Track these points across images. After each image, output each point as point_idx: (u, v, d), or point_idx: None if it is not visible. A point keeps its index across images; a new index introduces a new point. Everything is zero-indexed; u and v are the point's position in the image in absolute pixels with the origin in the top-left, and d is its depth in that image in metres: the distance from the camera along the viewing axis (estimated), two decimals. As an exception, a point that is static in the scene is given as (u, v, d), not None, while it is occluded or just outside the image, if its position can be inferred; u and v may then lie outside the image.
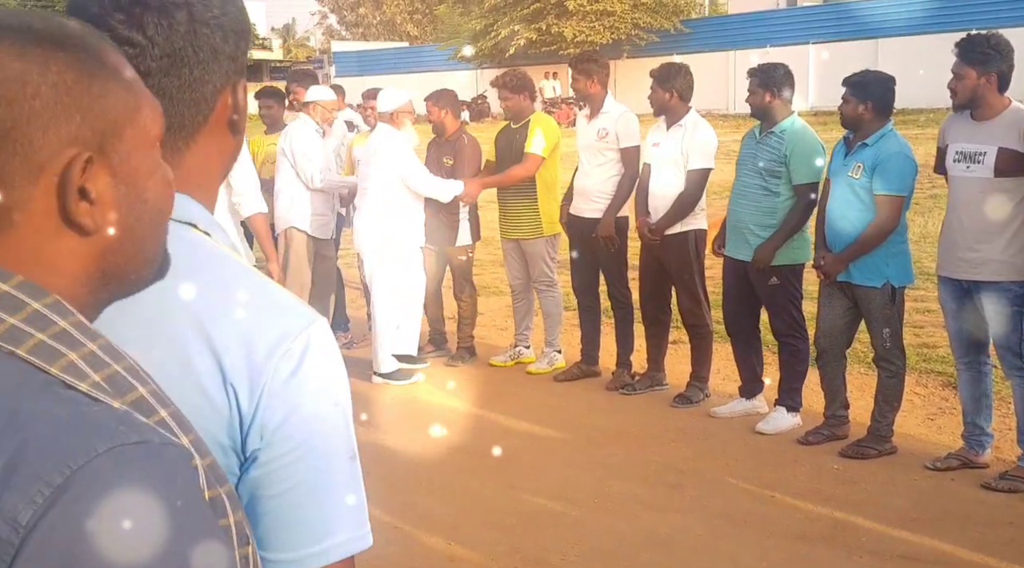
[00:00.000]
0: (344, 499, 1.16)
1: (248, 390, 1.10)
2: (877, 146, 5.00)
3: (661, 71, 6.08)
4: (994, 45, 4.59)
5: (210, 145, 1.22)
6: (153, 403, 0.86)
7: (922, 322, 7.40)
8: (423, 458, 5.39)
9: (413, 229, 6.67)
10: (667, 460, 5.27)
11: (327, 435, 1.14)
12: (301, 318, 1.14)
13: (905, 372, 5.29)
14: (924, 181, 14.17)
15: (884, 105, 5.07)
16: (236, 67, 1.22)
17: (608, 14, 35.29)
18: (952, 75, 4.67)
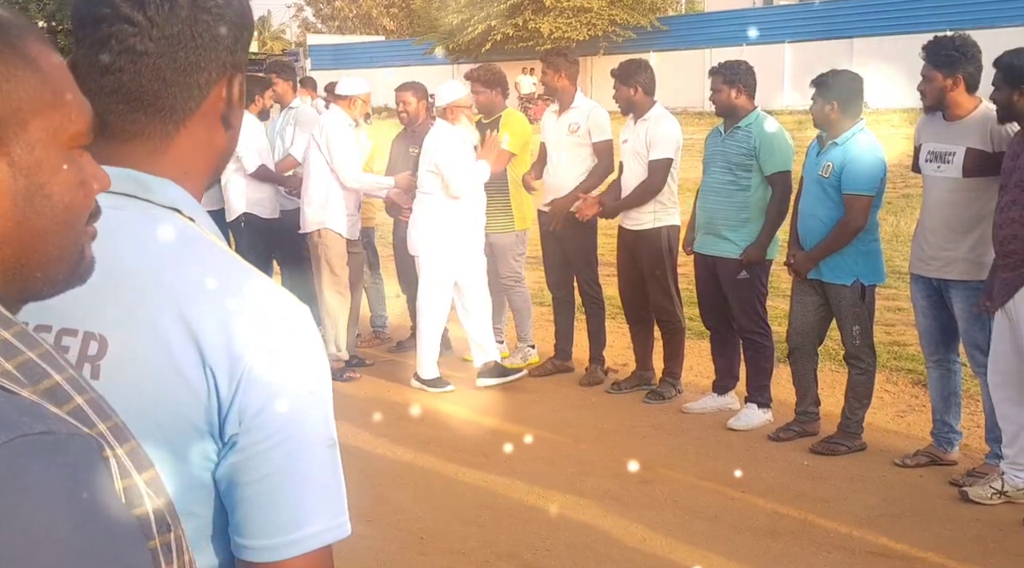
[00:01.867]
0: (321, 488, 1.16)
1: (227, 375, 1.10)
2: (846, 145, 5.05)
3: (622, 68, 6.13)
4: (959, 47, 4.64)
5: (199, 134, 1.22)
6: (68, 390, 0.85)
7: (893, 320, 7.47)
8: (397, 452, 5.39)
9: (472, 231, 6.36)
10: (640, 456, 5.29)
11: (305, 422, 1.14)
12: (278, 304, 1.15)
13: (875, 370, 5.34)
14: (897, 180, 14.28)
15: (851, 104, 5.11)
16: (234, 60, 1.23)
17: (585, 10, 35.35)
18: (922, 76, 4.71)
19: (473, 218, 6.34)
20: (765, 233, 5.52)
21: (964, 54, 4.62)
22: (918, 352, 5.88)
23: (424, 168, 6.25)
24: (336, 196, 6.56)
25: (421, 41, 42.83)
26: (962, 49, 4.63)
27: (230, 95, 1.23)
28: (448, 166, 6.13)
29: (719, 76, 5.61)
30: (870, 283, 5.17)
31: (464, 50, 38.15)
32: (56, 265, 0.92)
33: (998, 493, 4.51)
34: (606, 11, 35.44)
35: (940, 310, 4.85)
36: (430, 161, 6.19)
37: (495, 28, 36.52)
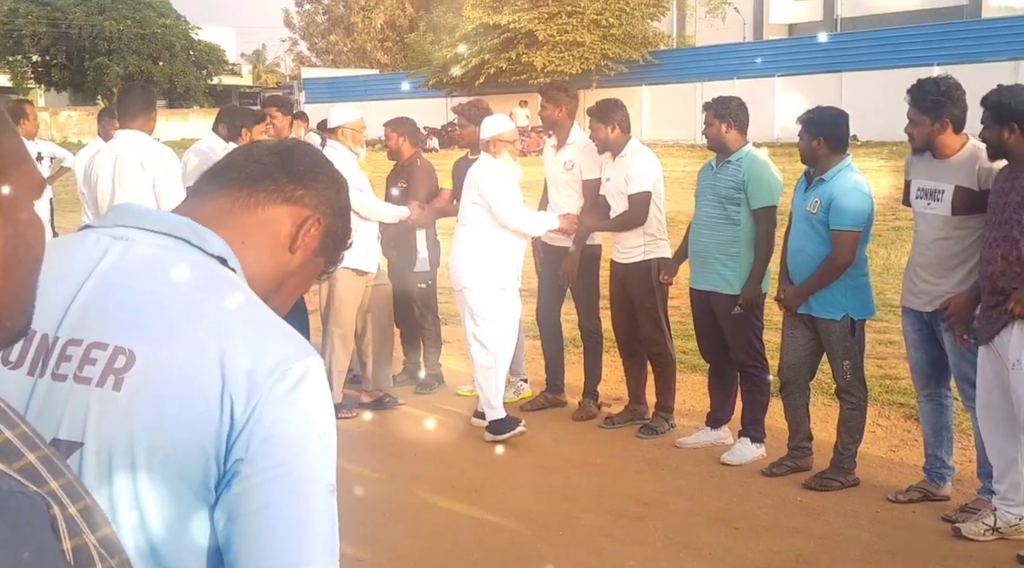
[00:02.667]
0: (320, 530, 1.20)
1: (244, 401, 1.16)
2: (833, 181, 5.09)
3: (599, 108, 6.13)
4: (944, 91, 4.68)
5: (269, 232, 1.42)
6: (19, 447, 0.85)
7: (885, 354, 7.48)
8: (389, 488, 5.36)
9: (511, 265, 6.12)
10: (633, 492, 5.28)
11: (308, 461, 1.19)
12: (302, 348, 1.23)
13: (867, 404, 5.35)
14: (887, 213, 14.35)
15: (837, 140, 5.15)
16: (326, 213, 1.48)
17: (578, 44, 35.61)
18: (909, 119, 4.76)
19: (515, 259, 6.13)
20: (756, 270, 5.54)
21: (949, 97, 4.66)
22: (910, 386, 5.88)
23: (467, 200, 6.09)
24: None
25: (415, 75, 43.10)
26: (947, 93, 4.67)
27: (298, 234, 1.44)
28: (493, 193, 5.96)
29: (711, 111, 5.66)
30: (860, 318, 5.19)
31: (458, 84, 38.36)
32: (22, 316, 0.93)
33: (991, 529, 4.50)
34: (598, 45, 35.72)
35: (931, 344, 4.87)
36: (473, 193, 6.03)
37: (488, 62, 36.77)
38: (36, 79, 51.01)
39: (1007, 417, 4.38)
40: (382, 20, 61.81)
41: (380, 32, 62.33)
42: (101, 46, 49.42)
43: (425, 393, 7.07)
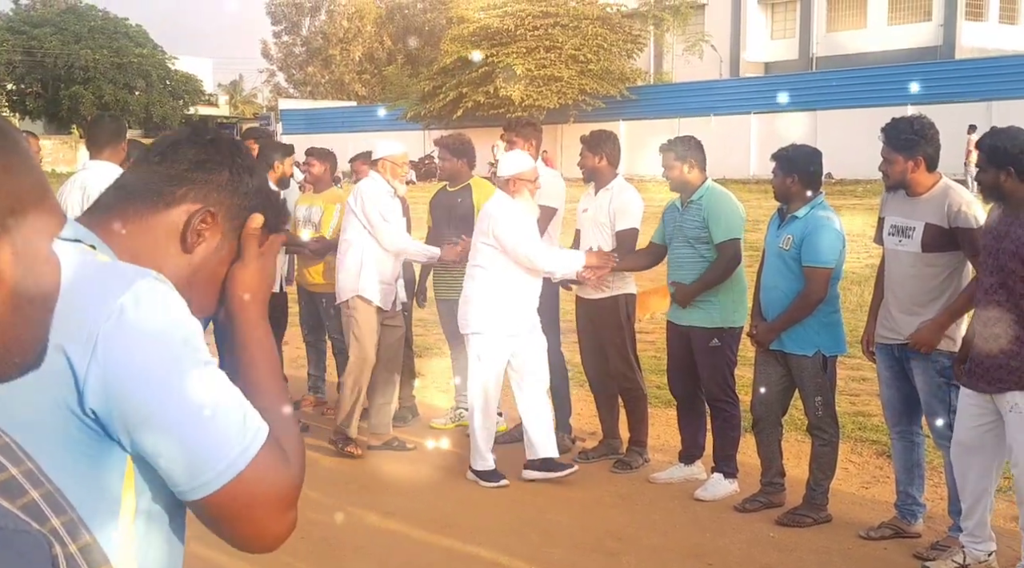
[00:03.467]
0: (207, 432, 1.21)
1: (81, 351, 1.17)
2: (805, 219, 5.13)
3: (592, 137, 6.22)
4: (917, 130, 4.73)
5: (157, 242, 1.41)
6: (23, 484, 0.85)
7: (858, 390, 7.51)
8: (358, 521, 5.32)
9: (525, 310, 5.88)
10: (606, 527, 5.25)
11: (165, 381, 1.20)
12: (123, 278, 1.22)
13: (839, 440, 5.36)
14: (861, 251, 14.47)
15: (810, 177, 5.20)
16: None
17: (555, 79, 35.91)
18: (883, 157, 4.80)
19: (531, 298, 5.93)
20: (695, 287, 5.56)
21: (923, 136, 4.71)
22: (883, 423, 5.90)
23: (479, 240, 5.83)
24: (370, 264, 6.28)
25: (393, 107, 43.26)
26: (920, 131, 4.72)
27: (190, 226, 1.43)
28: (509, 236, 5.69)
29: (671, 153, 5.69)
30: (831, 354, 5.21)
31: (436, 116, 38.55)
32: (32, 351, 0.95)
33: (960, 566, 4.51)
34: (576, 80, 36.03)
35: (903, 381, 4.89)
36: (486, 233, 5.78)
37: (466, 95, 36.98)
38: (10, 107, 50.86)
39: (983, 455, 4.38)
40: (360, 52, 62.09)
41: (358, 64, 62.58)
42: (77, 75, 49.39)
43: (399, 425, 7.02)
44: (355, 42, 61.96)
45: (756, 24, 48.52)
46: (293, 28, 66.08)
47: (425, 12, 60.50)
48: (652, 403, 6.56)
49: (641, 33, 40.97)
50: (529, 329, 5.90)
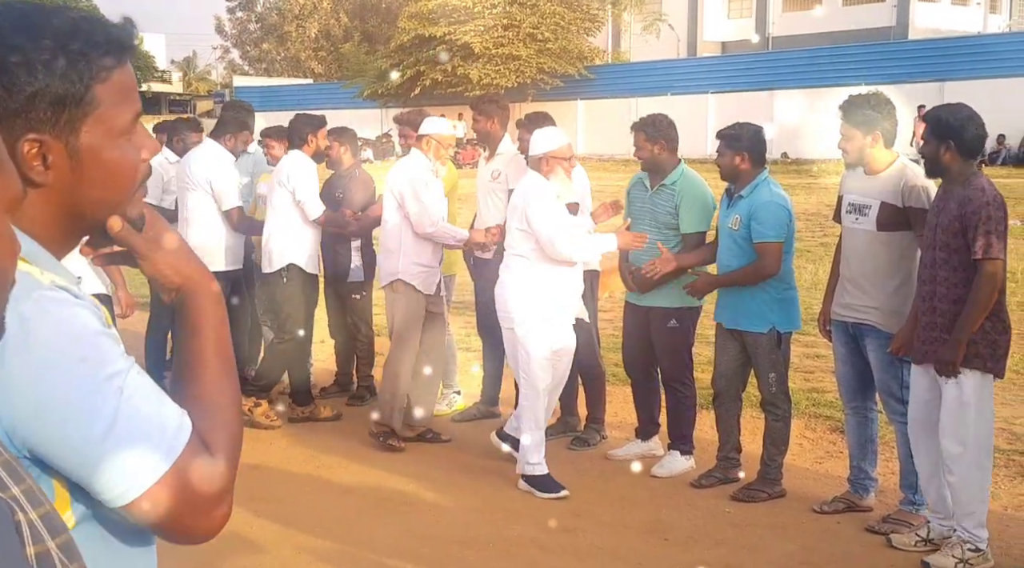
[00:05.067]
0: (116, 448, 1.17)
1: None
2: (751, 197, 5.18)
3: (528, 119, 6.13)
4: (874, 105, 4.78)
5: None
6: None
7: (812, 367, 7.61)
8: (320, 502, 5.31)
9: (565, 298, 5.50)
10: (565, 503, 5.29)
11: (64, 410, 1.15)
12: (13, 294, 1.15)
13: (791, 416, 5.44)
14: (816, 229, 14.64)
15: (758, 155, 5.27)
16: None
17: (514, 58, 35.78)
18: (841, 134, 4.85)
19: (571, 289, 5.53)
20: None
21: (880, 111, 4.76)
22: (836, 399, 6.00)
23: (513, 226, 5.46)
24: (408, 246, 6.03)
25: (350, 85, 42.91)
26: (877, 107, 4.78)
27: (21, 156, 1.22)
28: (542, 225, 5.28)
29: (641, 133, 5.65)
30: (785, 330, 5.28)
31: (393, 95, 38.29)
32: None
33: (923, 541, 4.60)
34: (534, 59, 35.93)
35: (858, 358, 4.97)
36: (519, 218, 5.39)
37: (424, 74, 36.77)
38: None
39: (934, 429, 4.47)
40: (316, 30, 61.42)
41: (314, 42, 61.91)
42: (26, 50, 48.44)
43: (357, 405, 7.02)
44: (311, 19, 61.26)
45: (713, 4, 48.66)
46: (248, 4, 65.17)
47: (382, -11, 59.96)
48: (610, 381, 6.61)
49: (599, 12, 40.92)
50: (562, 328, 5.50)
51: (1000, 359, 4.33)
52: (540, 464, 5.43)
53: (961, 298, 4.25)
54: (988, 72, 27.99)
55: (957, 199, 4.26)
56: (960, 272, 4.26)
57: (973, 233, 4.18)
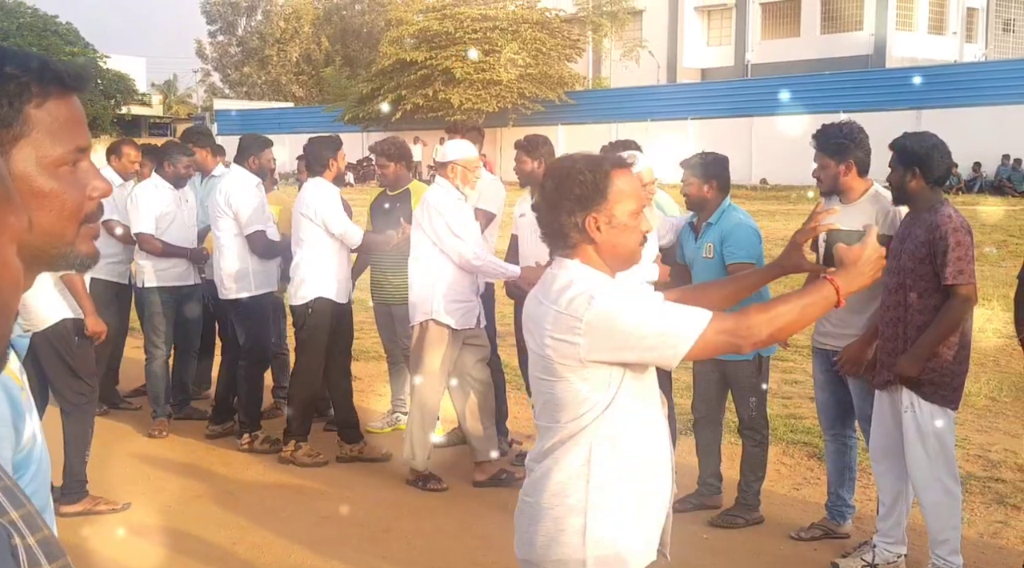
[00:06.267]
0: None
1: None
2: (720, 223, 5.20)
3: (528, 141, 6.18)
4: (847, 134, 4.83)
5: None
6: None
7: (790, 393, 7.62)
8: (296, 528, 5.27)
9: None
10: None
11: None
12: None
13: (769, 441, 5.44)
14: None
15: (725, 182, 5.30)
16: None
17: (495, 83, 35.94)
18: (816, 163, 4.89)
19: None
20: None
21: (852, 140, 4.80)
22: (814, 425, 6.00)
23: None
24: (443, 282, 5.69)
25: (331, 109, 42.95)
26: (850, 135, 4.82)
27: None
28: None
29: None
30: (767, 354, 5.29)
31: (374, 119, 38.36)
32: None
33: (869, 566, 4.61)
34: (515, 84, 36.09)
35: (837, 385, 4.98)
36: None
37: (405, 98, 36.87)
38: (-65, 106, 49.46)
39: (899, 456, 4.50)
40: (297, 53, 61.56)
41: (295, 65, 62.03)
42: (6, 72, 48.23)
43: (333, 430, 6.96)
44: (292, 43, 61.41)
45: (693, 31, 49.06)
46: (229, 28, 65.30)
47: (363, 14, 60.18)
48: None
49: (580, 38, 41.20)
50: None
51: (956, 390, 4.39)
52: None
53: (936, 306, 4.30)
54: (964, 101, 28.30)
55: (924, 225, 4.32)
56: (928, 298, 4.31)
57: (942, 259, 4.23)
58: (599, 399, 2.43)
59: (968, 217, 4.57)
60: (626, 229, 2.48)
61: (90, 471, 5.53)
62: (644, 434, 2.52)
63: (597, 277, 2.46)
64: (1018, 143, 27.61)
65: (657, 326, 2.38)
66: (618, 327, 2.36)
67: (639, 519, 2.52)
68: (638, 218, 2.51)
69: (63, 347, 5.37)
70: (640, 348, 2.39)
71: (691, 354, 2.40)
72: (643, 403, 2.51)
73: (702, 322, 2.37)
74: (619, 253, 2.50)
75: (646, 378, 2.52)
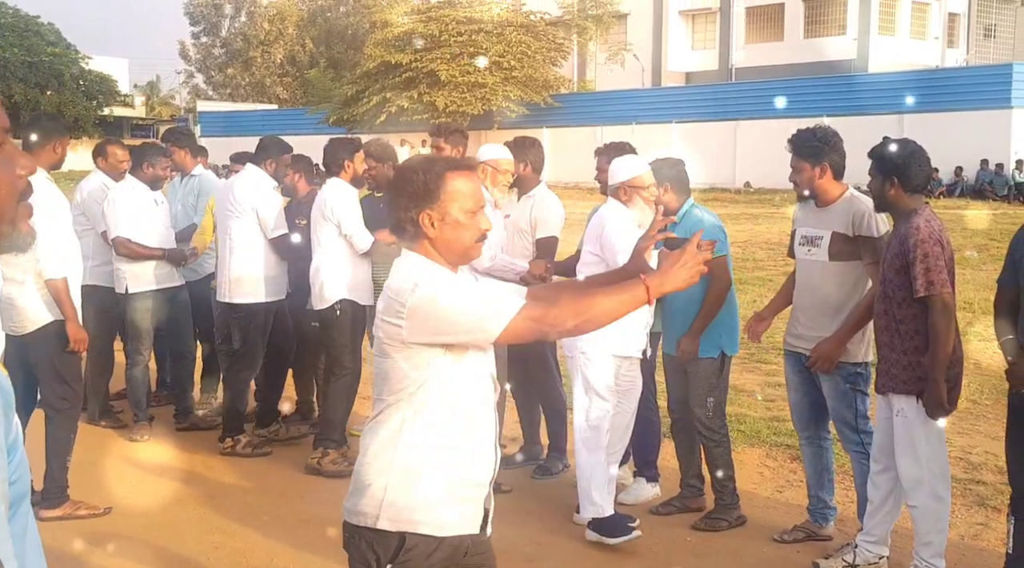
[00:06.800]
0: None
1: None
2: (684, 222, 5.19)
3: (516, 143, 6.15)
4: (821, 137, 4.86)
5: None
6: None
7: (773, 395, 7.64)
8: (276, 533, 5.25)
9: (637, 330, 5.14)
10: (526, 532, 5.26)
11: None
12: None
13: (729, 439, 5.42)
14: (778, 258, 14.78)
15: (682, 185, 5.35)
16: None
17: (480, 86, 35.96)
18: (792, 168, 4.92)
19: (640, 323, 5.15)
20: None
21: (827, 143, 4.84)
22: (796, 428, 6.02)
23: (587, 249, 5.26)
24: None
25: (315, 111, 42.87)
26: (824, 138, 4.86)
27: None
28: (613, 246, 5.00)
29: (604, 157, 5.71)
30: (731, 353, 5.32)
31: (359, 121, 38.30)
32: None
33: (850, 566, 4.63)
34: (500, 87, 36.12)
35: (811, 387, 5.00)
36: (593, 244, 5.18)
37: (390, 100, 36.83)
38: (-85, 105, 49.10)
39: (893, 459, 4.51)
40: (282, 55, 61.42)
41: (279, 67, 61.88)
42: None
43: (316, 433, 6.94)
44: (276, 44, 61.27)
45: (677, 35, 49.20)
46: (212, 29, 65.08)
47: (348, 16, 60.09)
48: (571, 408, 6.58)
49: (565, 41, 41.27)
50: (637, 353, 5.24)
51: (949, 393, 4.38)
52: (608, 503, 5.07)
53: (919, 330, 4.31)
54: (946, 105, 28.49)
55: (898, 236, 4.37)
56: (908, 307, 4.35)
57: (911, 271, 4.26)
58: (416, 377, 2.68)
59: (950, 221, 4.61)
60: (459, 226, 2.72)
61: (71, 475, 5.49)
62: (458, 413, 2.72)
63: (430, 268, 2.71)
64: (999, 148, 27.83)
65: (472, 311, 2.62)
66: (436, 312, 2.61)
67: (444, 489, 2.72)
68: (474, 217, 2.74)
69: (52, 350, 5.31)
70: (456, 331, 2.63)
71: (502, 338, 2.63)
72: (461, 385, 2.71)
73: (513, 309, 2.61)
74: (454, 248, 2.74)
75: (468, 362, 2.72)
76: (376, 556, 2.70)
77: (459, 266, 2.80)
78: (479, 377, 2.76)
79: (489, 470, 2.83)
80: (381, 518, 2.70)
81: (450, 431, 2.71)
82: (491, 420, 2.81)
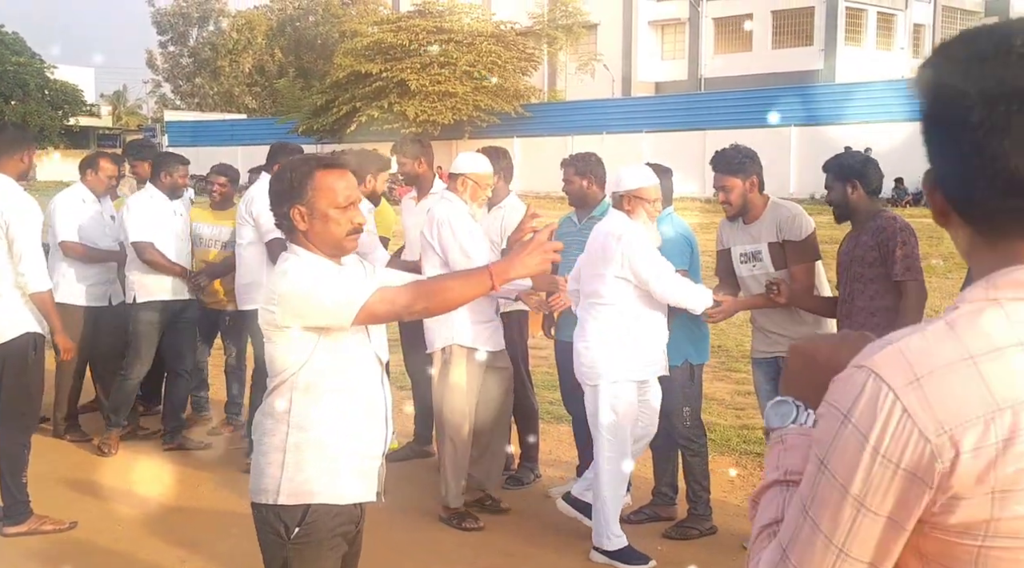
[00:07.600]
0: None
1: None
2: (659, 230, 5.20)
3: (486, 153, 6.04)
4: (744, 153, 5.00)
5: None
6: None
7: (743, 404, 7.67)
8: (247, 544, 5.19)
9: (655, 353, 5.01)
10: (497, 542, 5.24)
11: None
12: None
13: (707, 450, 5.44)
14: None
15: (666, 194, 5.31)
16: None
17: (450, 95, 35.96)
18: (719, 190, 4.97)
19: (659, 345, 5.04)
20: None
21: (751, 158, 4.99)
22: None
23: (602, 271, 4.98)
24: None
25: (284, 120, 42.68)
26: (747, 153, 5.00)
27: None
28: (645, 267, 4.78)
29: (571, 168, 5.74)
30: (698, 363, 5.32)
31: (328, 131, 38.18)
32: None
33: None
34: (471, 96, 36.15)
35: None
36: (605, 262, 4.91)
37: (360, 110, 36.75)
38: None
39: None
40: (250, 65, 61.10)
41: (248, 77, 61.55)
42: (-52, 83, 47.48)
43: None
44: (245, 54, 60.94)
45: (647, 45, 49.46)
46: (180, 38, 64.65)
47: (317, 25, 59.89)
48: (543, 418, 6.59)
49: (535, 51, 41.36)
50: (656, 374, 5.09)
51: None
52: (620, 536, 4.97)
53: (888, 306, 4.40)
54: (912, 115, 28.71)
55: (870, 231, 4.48)
56: (881, 299, 4.47)
57: (891, 257, 4.39)
58: (296, 358, 2.89)
59: (917, 230, 4.66)
60: (329, 220, 2.93)
61: (36, 490, 5.41)
62: (344, 392, 2.95)
63: (301, 258, 2.94)
64: (964, 157, 28.11)
65: (332, 296, 2.85)
66: (301, 296, 2.84)
67: (336, 463, 2.97)
68: (344, 212, 2.95)
69: (22, 361, 5.22)
70: (318, 314, 2.85)
71: (359, 318, 2.85)
72: (343, 365, 2.94)
73: (367, 292, 2.85)
74: (326, 240, 2.96)
75: (347, 343, 2.93)
76: (284, 524, 2.95)
77: (339, 257, 3.00)
78: (361, 356, 2.99)
79: (380, 443, 3.10)
80: (281, 494, 2.94)
81: (335, 409, 2.94)
82: (380, 396, 3.06)
